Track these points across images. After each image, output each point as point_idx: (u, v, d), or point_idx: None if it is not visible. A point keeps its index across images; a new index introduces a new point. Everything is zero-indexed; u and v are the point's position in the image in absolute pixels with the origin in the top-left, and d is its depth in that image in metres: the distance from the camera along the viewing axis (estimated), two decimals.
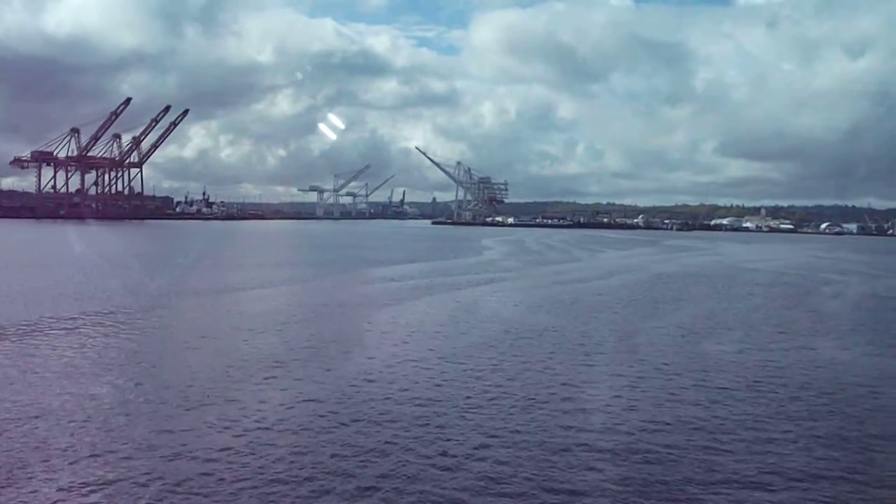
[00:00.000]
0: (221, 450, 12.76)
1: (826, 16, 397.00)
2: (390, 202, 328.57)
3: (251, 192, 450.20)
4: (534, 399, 16.69)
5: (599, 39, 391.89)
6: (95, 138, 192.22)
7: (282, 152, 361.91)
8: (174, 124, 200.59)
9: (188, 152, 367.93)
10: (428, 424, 14.51)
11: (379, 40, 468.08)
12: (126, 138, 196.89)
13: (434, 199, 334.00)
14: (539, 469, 12.31)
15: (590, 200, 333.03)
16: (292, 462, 12.30)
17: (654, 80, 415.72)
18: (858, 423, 15.38)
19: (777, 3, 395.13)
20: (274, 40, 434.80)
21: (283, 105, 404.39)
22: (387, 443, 13.34)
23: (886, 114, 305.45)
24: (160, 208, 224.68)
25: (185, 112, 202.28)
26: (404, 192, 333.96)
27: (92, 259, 53.00)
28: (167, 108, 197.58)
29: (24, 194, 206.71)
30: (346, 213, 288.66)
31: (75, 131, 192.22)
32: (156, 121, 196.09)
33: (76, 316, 27.21)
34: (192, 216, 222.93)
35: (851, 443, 14.01)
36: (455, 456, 12.79)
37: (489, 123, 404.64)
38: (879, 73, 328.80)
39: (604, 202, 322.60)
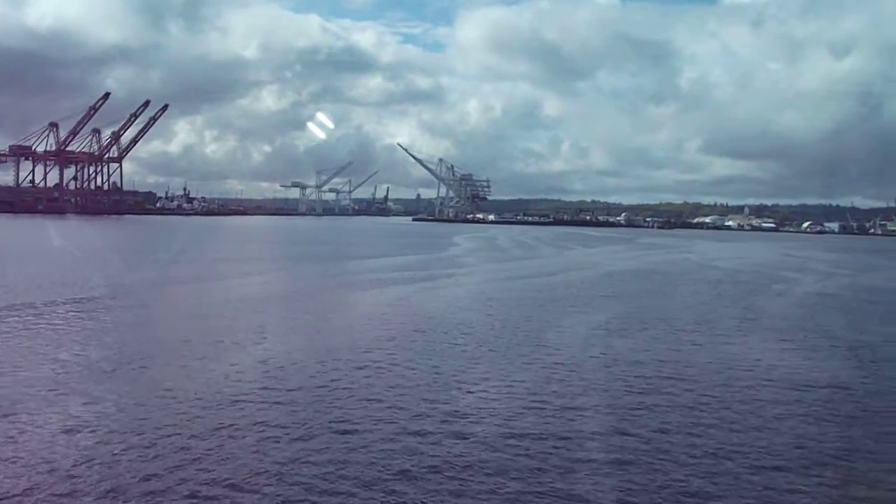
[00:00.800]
0: None
1: (812, 15, 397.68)
2: (374, 199, 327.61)
3: (236, 188, 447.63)
4: (400, 389, 16.23)
5: (585, 37, 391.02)
6: (74, 133, 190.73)
7: (267, 148, 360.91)
8: (154, 119, 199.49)
9: (173, 147, 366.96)
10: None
11: (364, 36, 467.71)
12: (107, 133, 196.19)
13: (419, 195, 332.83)
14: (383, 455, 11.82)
15: (574, 198, 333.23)
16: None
17: (640, 79, 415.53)
18: (724, 418, 14.93)
19: (763, 3, 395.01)
20: (259, 36, 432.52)
21: (268, 101, 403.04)
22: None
23: (871, 113, 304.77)
24: (140, 203, 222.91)
25: (165, 107, 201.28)
26: (388, 188, 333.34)
27: (55, 252, 52.52)
28: (147, 103, 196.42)
29: (2, 189, 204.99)
30: (330, 210, 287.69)
31: (54, 126, 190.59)
32: (135, 115, 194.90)
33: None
34: (172, 212, 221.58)
35: (706, 433, 13.56)
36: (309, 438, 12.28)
37: (474, 120, 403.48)
38: (864, 72, 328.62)
39: (588, 200, 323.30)
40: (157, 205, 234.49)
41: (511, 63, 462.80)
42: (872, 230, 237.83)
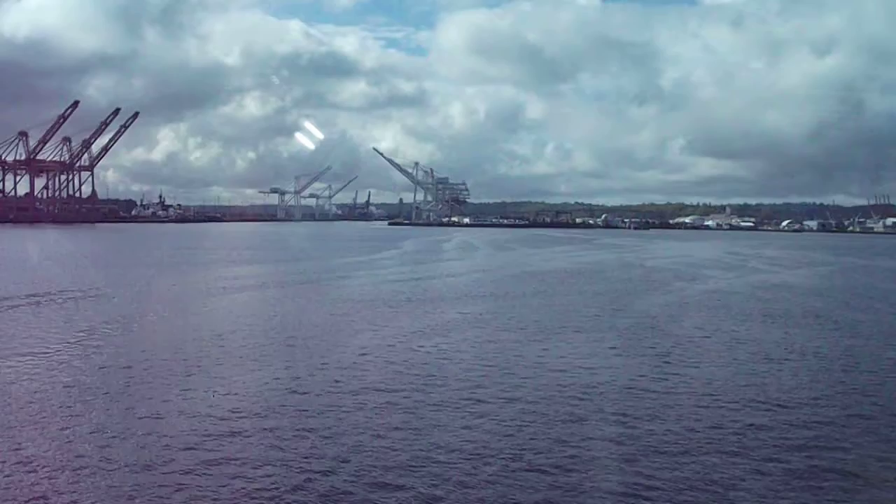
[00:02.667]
0: None
1: (791, 14, 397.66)
2: (355, 203, 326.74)
3: (222, 195, 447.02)
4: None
5: (566, 39, 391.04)
6: (44, 141, 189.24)
7: (251, 154, 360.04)
8: (125, 127, 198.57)
9: (157, 155, 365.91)
10: None
11: (347, 41, 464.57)
12: (77, 142, 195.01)
13: (401, 200, 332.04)
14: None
15: (559, 200, 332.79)
16: None
17: (622, 80, 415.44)
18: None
19: (742, 2, 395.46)
20: (240, 42, 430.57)
21: (252, 107, 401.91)
22: None
23: (853, 111, 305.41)
24: (115, 211, 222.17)
25: (136, 115, 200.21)
26: (369, 193, 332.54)
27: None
28: (117, 111, 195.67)
29: None
30: (310, 215, 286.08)
31: (23, 135, 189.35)
32: (105, 123, 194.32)
33: None
34: (147, 219, 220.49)
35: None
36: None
37: (458, 124, 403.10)
38: (846, 70, 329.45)
39: (572, 202, 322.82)
40: (133, 212, 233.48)
41: (493, 66, 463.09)
42: (851, 228, 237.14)
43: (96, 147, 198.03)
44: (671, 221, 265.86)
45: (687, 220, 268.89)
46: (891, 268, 67.14)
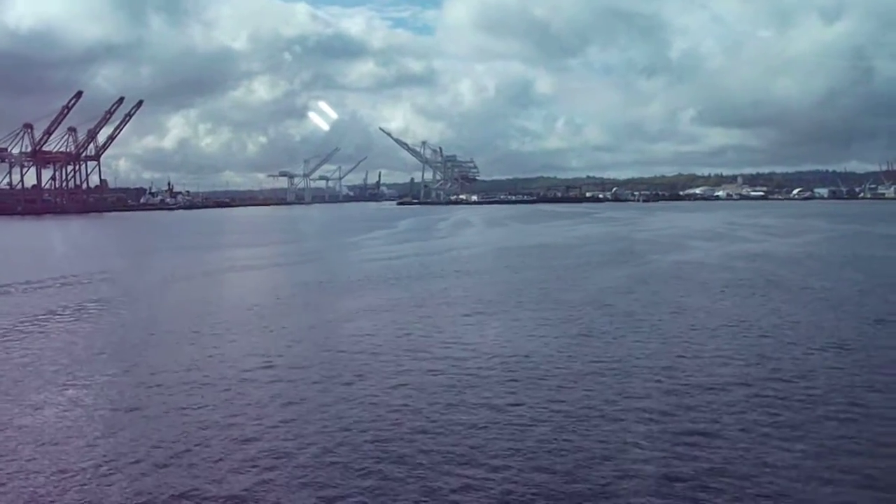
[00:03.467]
0: None
1: None
2: (365, 184, 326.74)
3: (234, 180, 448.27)
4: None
5: (573, 13, 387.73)
6: (49, 133, 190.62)
7: (262, 139, 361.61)
8: (129, 115, 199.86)
9: (168, 143, 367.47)
10: None
11: (354, 22, 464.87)
12: (83, 132, 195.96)
13: (412, 179, 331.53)
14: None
15: (571, 175, 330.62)
16: None
17: (631, 52, 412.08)
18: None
19: None
20: (247, 26, 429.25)
21: (261, 91, 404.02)
22: None
23: (863, 76, 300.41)
24: (122, 200, 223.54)
25: (140, 103, 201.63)
26: (380, 173, 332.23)
27: None
28: (121, 100, 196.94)
29: None
30: (320, 198, 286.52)
31: (28, 126, 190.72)
32: (110, 113, 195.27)
33: None
34: (155, 207, 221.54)
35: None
36: None
37: (468, 102, 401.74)
38: (855, 37, 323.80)
39: (584, 176, 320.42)
40: (142, 200, 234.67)
41: (501, 42, 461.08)
42: (862, 194, 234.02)
43: (103, 136, 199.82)
44: (681, 193, 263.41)
45: (698, 191, 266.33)
46: (886, 234, 66.00)
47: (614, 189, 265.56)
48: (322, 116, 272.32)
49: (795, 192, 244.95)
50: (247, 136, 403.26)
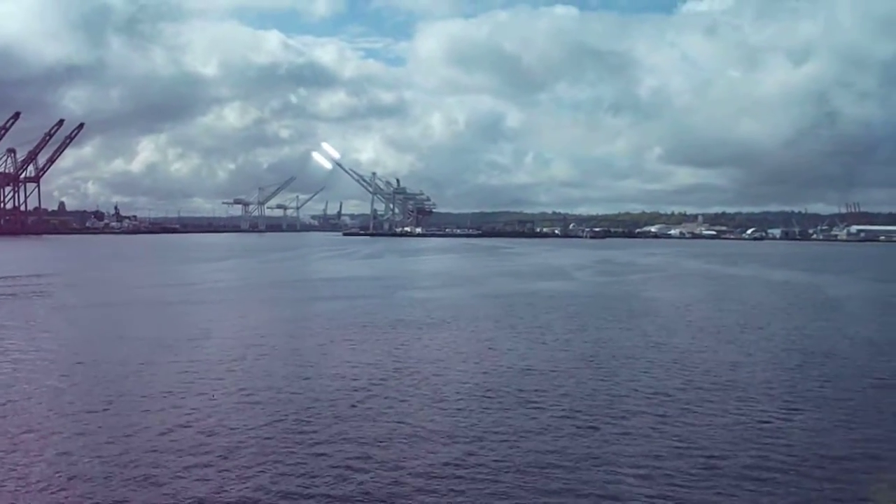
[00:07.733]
0: None
1: (767, 21, 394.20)
2: (325, 214, 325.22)
3: (203, 206, 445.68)
4: None
5: (544, 49, 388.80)
6: None
7: (231, 166, 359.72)
8: (70, 138, 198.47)
9: (136, 166, 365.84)
10: None
11: (326, 51, 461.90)
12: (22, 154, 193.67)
13: (375, 210, 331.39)
14: None
15: (538, 210, 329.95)
16: None
17: (600, 89, 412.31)
18: None
19: (718, 11, 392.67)
20: (218, 52, 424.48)
21: (231, 118, 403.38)
22: None
23: (829, 119, 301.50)
24: (65, 223, 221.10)
25: (81, 126, 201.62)
26: (340, 203, 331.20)
27: None
28: (61, 122, 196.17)
29: None
30: (276, 226, 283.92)
31: None
32: (49, 135, 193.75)
33: None
34: (97, 231, 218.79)
35: None
36: None
37: (438, 134, 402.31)
38: (821, 78, 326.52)
39: (550, 212, 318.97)
40: (87, 224, 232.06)
41: (472, 76, 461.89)
42: (815, 236, 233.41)
43: (66, 159, 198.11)
44: (637, 231, 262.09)
45: (653, 229, 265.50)
46: (732, 275, 63.45)
47: (571, 225, 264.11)
48: (327, 158, 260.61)
49: (748, 231, 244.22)
50: (216, 163, 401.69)
